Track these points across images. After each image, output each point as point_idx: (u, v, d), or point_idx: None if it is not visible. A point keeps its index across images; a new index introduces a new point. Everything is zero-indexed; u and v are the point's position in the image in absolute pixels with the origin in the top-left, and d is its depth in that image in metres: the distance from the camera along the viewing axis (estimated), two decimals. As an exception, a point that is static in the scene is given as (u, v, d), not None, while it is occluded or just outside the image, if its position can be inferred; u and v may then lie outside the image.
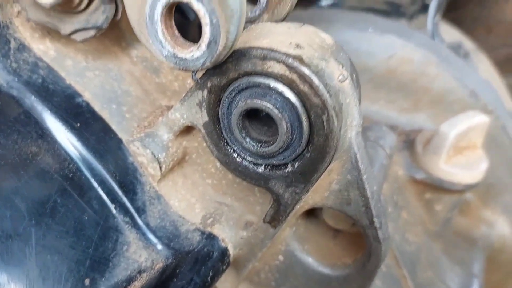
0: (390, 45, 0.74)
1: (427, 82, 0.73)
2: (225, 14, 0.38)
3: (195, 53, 0.42)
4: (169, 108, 0.61)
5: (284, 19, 0.52)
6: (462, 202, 0.72)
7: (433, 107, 0.75)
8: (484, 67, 0.86)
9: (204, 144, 0.53)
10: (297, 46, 0.43)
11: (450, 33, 0.88)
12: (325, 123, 0.43)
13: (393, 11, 0.84)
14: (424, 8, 0.83)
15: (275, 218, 0.52)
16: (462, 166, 0.66)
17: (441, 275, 0.70)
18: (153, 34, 0.43)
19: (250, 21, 0.52)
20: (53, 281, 0.45)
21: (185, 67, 0.43)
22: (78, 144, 0.51)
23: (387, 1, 0.84)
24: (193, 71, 0.49)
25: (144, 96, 0.60)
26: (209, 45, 0.40)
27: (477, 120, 0.65)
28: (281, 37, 0.44)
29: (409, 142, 0.73)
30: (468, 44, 0.88)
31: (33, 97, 0.51)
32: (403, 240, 0.65)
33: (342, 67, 0.44)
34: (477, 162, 0.67)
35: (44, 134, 0.50)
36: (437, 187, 0.66)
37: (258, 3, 0.50)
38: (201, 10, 0.39)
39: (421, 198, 0.69)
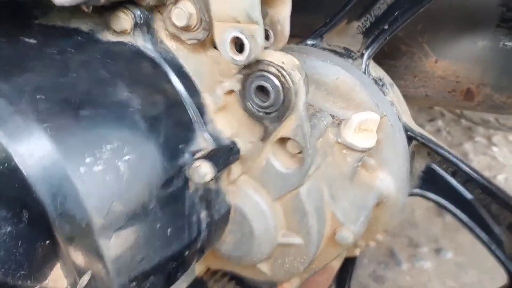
0: (337, 72, 1.37)
1: (354, 96, 1.36)
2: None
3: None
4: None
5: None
6: (364, 160, 1.35)
7: (357, 109, 1.38)
8: (392, 93, 1.49)
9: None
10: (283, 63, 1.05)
11: (377, 71, 1.52)
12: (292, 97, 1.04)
13: (346, 54, 1.48)
14: (362, 55, 1.46)
15: (265, 137, 1.13)
16: (362, 138, 1.28)
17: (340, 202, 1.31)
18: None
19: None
20: None
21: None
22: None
23: (344, 48, 1.49)
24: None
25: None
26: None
27: (372, 115, 1.29)
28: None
29: (340, 123, 1.35)
30: (387, 79, 1.52)
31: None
32: (325, 163, 1.26)
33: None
34: (371, 137, 1.30)
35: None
36: (349, 147, 1.29)
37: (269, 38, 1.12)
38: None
39: (341, 152, 1.31)
